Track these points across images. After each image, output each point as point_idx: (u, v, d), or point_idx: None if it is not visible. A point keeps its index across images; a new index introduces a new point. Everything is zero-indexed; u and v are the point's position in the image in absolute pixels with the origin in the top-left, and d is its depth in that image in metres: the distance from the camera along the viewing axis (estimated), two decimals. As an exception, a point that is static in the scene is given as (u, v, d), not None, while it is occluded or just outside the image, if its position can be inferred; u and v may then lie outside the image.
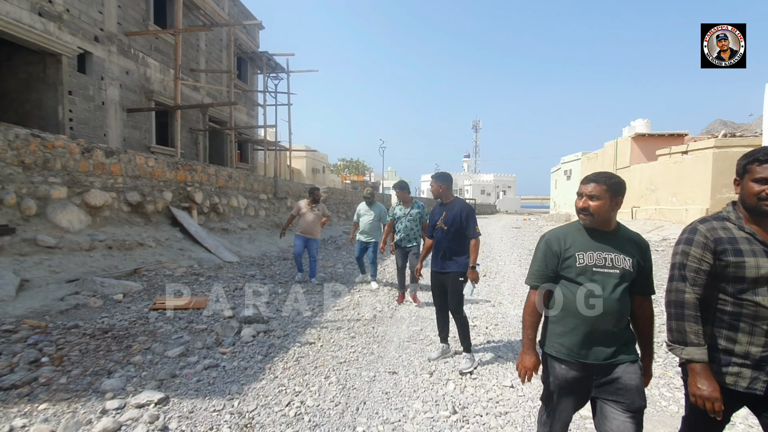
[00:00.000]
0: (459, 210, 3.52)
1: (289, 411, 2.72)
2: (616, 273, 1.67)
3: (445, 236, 3.52)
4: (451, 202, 3.63)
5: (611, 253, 1.69)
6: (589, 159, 23.96)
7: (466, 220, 3.49)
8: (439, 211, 3.65)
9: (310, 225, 6.62)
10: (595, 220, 1.71)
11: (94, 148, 7.42)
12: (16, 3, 7.85)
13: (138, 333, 4.05)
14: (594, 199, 1.70)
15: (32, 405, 2.71)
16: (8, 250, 5.42)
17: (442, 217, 3.54)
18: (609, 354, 1.66)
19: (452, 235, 3.49)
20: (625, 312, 1.70)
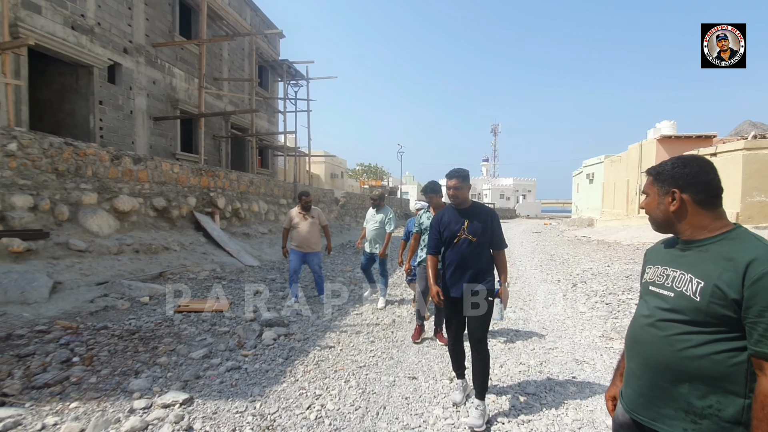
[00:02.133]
0: (487, 217, 2.81)
1: (309, 414, 2.74)
2: (668, 297, 1.20)
3: (472, 250, 2.76)
4: (471, 208, 2.88)
5: (677, 269, 1.22)
6: (612, 162, 23.39)
7: (494, 230, 2.81)
8: (454, 218, 2.85)
9: (306, 237, 5.53)
10: (653, 223, 1.33)
11: (122, 156, 7.69)
12: (50, 17, 8.25)
13: (163, 335, 4.15)
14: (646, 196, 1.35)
15: (64, 403, 2.81)
16: (42, 254, 5.66)
17: (463, 225, 2.79)
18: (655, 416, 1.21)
19: (481, 247, 2.79)
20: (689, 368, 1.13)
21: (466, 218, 2.81)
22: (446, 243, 2.87)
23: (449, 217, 2.89)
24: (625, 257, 10.76)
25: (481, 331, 2.74)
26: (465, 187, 2.85)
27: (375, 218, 5.81)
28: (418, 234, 4.47)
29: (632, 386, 1.28)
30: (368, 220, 5.93)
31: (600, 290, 6.79)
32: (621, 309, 5.57)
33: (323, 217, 5.82)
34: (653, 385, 1.21)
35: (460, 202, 2.86)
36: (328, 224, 5.97)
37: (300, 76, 18.76)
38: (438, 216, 2.98)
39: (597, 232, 19.53)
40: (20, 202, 5.78)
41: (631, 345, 1.30)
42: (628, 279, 7.62)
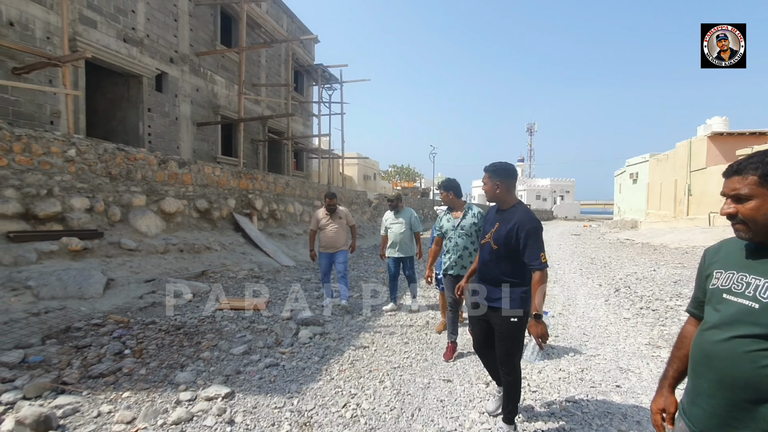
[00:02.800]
0: (515, 224, 2.36)
1: (345, 413, 2.78)
2: (750, 308, 1.08)
3: (493, 259, 2.45)
4: (510, 210, 2.47)
5: (762, 278, 1.09)
6: (658, 161, 22.17)
7: (525, 240, 2.31)
8: (491, 218, 2.55)
9: (333, 238, 5.37)
10: (755, 232, 1.12)
11: (169, 160, 8.10)
12: (105, 31, 8.84)
13: (206, 331, 4.34)
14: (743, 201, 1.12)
15: (117, 393, 2.99)
16: (97, 252, 6.06)
17: (494, 228, 2.45)
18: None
19: (501, 257, 2.41)
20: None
21: (499, 221, 2.46)
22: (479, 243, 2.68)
23: (489, 216, 2.61)
24: (673, 261, 10.17)
25: (505, 355, 2.44)
26: (492, 183, 2.48)
27: (397, 221, 5.44)
28: (440, 238, 3.86)
29: (702, 406, 1.16)
30: (389, 224, 5.49)
31: (646, 295, 6.45)
32: (669, 316, 5.26)
33: (350, 216, 5.67)
34: (730, 404, 1.10)
35: (491, 200, 2.55)
36: (355, 224, 5.74)
37: (334, 80, 19.07)
38: (487, 211, 2.76)
39: (641, 235, 18.57)
40: (78, 204, 6.22)
41: (699, 360, 1.19)
42: (676, 284, 7.20)
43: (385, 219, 5.62)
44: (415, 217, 5.54)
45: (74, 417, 2.66)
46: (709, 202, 16.42)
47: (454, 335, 3.84)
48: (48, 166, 5.99)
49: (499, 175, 2.48)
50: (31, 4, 7.35)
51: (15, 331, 3.91)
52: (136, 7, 9.56)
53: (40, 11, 7.50)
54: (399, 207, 5.53)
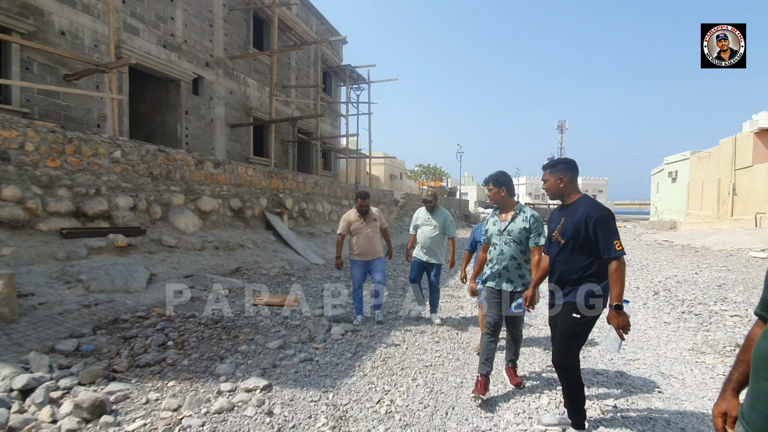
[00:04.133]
0: (583, 214, 2.29)
1: (380, 408, 2.82)
2: None
3: (560, 255, 2.39)
4: (575, 203, 2.40)
5: None
6: (700, 158, 21.10)
7: (594, 230, 2.23)
8: (556, 216, 2.50)
9: (370, 243, 4.81)
10: None
11: (205, 160, 8.41)
12: (146, 38, 9.27)
13: (242, 325, 4.49)
14: None
15: (163, 382, 3.15)
16: (140, 249, 6.37)
17: (560, 224, 2.41)
18: None
19: (569, 251, 2.34)
20: None
21: (564, 216, 2.41)
22: (548, 243, 2.57)
23: (555, 214, 2.56)
24: (717, 264, 9.67)
25: (561, 350, 2.38)
26: (555, 178, 2.45)
27: (430, 222, 4.89)
28: (485, 245, 3.28)
29: (761, 410, 1.14)
30: (421, 224, 4.97)
31: (688, 299, 6.18)
32: (714, 321, 5.03)
33: (383, 218, 5.09)
34: None
35: (556, 195, 2.50)
36: (388, 226, 5.21)
37: (362, 80, 19.21)
38: (551, 215, 2.65)
39: (681, 236, 17.75)
40: (123, 203, 6.56)
41: (761, 363, 1.17)
42: (720, 288, 6.85)
43: (416, 217, 5.05)
44: (451, 220, 4.97)
45: (125, 403, 2.83)
46: (755, 202, 15.51)
47: (487, 367, 2.99)
48: (96, 167, 6.35)
49: (561, 170, 2.46)
50: (81, 14, 7.81)
51: (69, 321, 4.18)
52: (175, 14, 9.97)
53: (88, 21, 7.96)
54: (436, 206, 4.97)
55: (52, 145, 5.82)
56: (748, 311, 5.36)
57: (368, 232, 4.83)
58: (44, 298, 4.43)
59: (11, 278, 3.86)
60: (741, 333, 4.51)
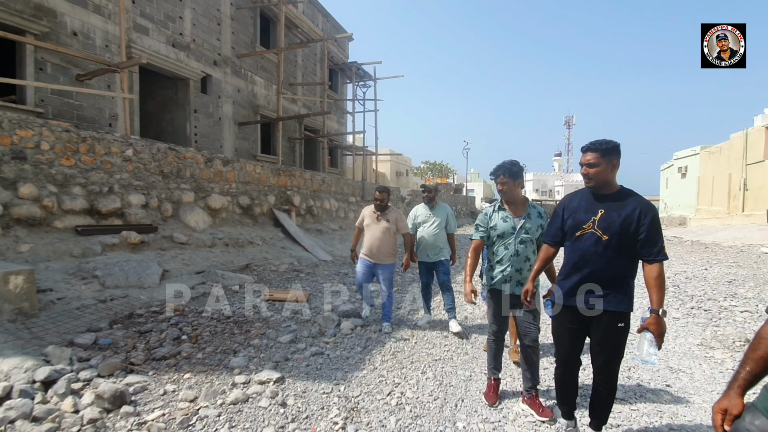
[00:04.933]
0: (635, 210, 2.08)
1: (390, 400, 2.88)
2: None
3: (599, 252, 2.12)
4: (616, 194, 2.16)
5: None
6: (710, 153, 20.86)
7: (649, 228, 2.06)
8: (586, 204, 2.21)
9: (376, 244, 4.40)
10: None
11: (214, 158, 8.51)
12: (156, 38, 9.37)
13: (254, 320, 4.57)
14: None
15: (179, 374, 3.24)
16: (152, 245, 6.48)
17: (595, 216, 2.14)
18: None
19: (614, 250, 2.10)
20: None
21: (603, 207, 2.13)
22: (568, 235, 2.25)
23: (580, 202, 2.24)
24: (727, 260, 9.61)
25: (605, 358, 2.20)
26: (604, 164, 2.12)
27: (431, 219, 4.53)
28: (481, 242, 2.94)
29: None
30: (421, 221, 4.59)
31: (697, 295, 6.17)
32: (723, 316, 5.02)
33: (403, 222, 4.49)
34: None
35: (597, 184, 2.16)
36: (409, 232, 4.54)
37: (368, 77, 19.21)
38: (568, 198, 2.34)
39: (691, 232, 17.60)
40: (135, 201, 6.67)
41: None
42: (730, 284, 6.82)
43: (414, 215, 4.67)
44: (453, 215, 4.67)
45: (143, 394, 2.92)
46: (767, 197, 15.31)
47: (496, 370, 2.95)
48: (109, 165, 6.46)
49: (616, 154, 2.15)
50: (92, 15, 7.92)
51: (86, 316, 4.29)
52: (184, 13, 10.06)
53: (99, 21, 8.07)
54: (436, 201, 4.66)
55: (67, 144, 5.94)
56: (758, 307, 5.35)
57: (378, 231, 4.40)
58: (62, 293, 4.55)
59: (31, 274, 3.97)
60: (751, 329, 4.51)
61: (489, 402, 2.86)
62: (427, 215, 4.58)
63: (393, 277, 4.55)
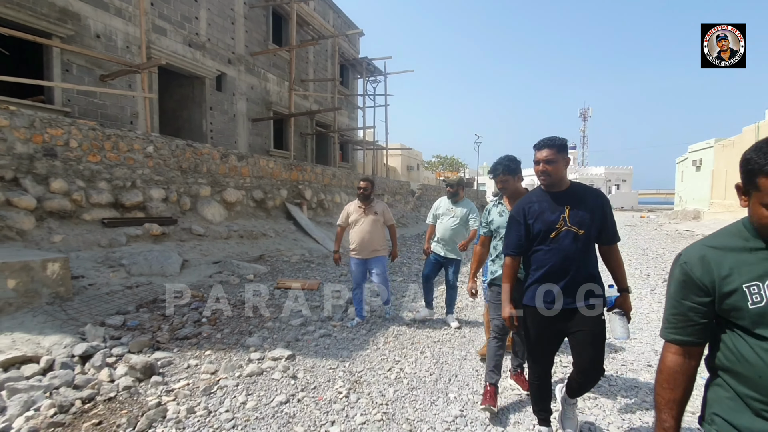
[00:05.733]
0: (596, 200, 2.15)
1: (390, 374, 3.17)
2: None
3: (578, 248, 2.09)
4: (570, 190, 2.18)
5: None
6: (724, 146, 20.53)
7: (611, 217, 2.18)
8: (549, 205, 2.15)
9: (367, 239, 4.32)
10: None
11: (229, 154, 8.87)
12: (173, 38, 9.75)
13: (267, 305, 4.91)
14: None
15: (200, 351, 3.58)
16: (172, 237, 6.88)
17: (563, 214, 2.11)
18: None
19: (589, 243, 2.12)
20: None
21: (566, 204, 2.12)
22: (538, 239, 2.15)
23: (540, 204, 2.17)
24: (735, 253, 9.62)
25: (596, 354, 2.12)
26: (561, 160, 2.11)
27: (452, 212, 4.36)
28: (487, 237, 2.95)
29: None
30: (441, 213, 4.47)
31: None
32: (718, 306, 5.18)
33: (389, 214, 4.51)
34: None
35: (554, 181, 2.14)
36: (395, 223, 4.57)
37: (378, 72, 19.40)
38: (523, 203, 2.23)
39: (703, 226, 17.43)
40: (156, 195, 7.07)
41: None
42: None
43: (436, 206, 4.56)
44: (475, 210, 4.40)
45: (170, 367, 3.26)
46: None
47: (495, 375, 2.73)
48: (132, 162, 6.86)
49: (566, 150, 2.16)
50: (114, 18, 8.31)
51: (115, 300, 4.68)
52: (199, 13, 10.41)
53: (120, 23, 8.46)
54: (460, 195, 4.44)
55: (93, 141, 6.34)
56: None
57: (367, 225, 4.34)
58: (92, 279, 4.95)
59: (66, 262, 4.36)
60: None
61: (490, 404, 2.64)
62: (448, 208, 4.42)
63: (386, 270, 4.50)
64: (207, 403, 2.72)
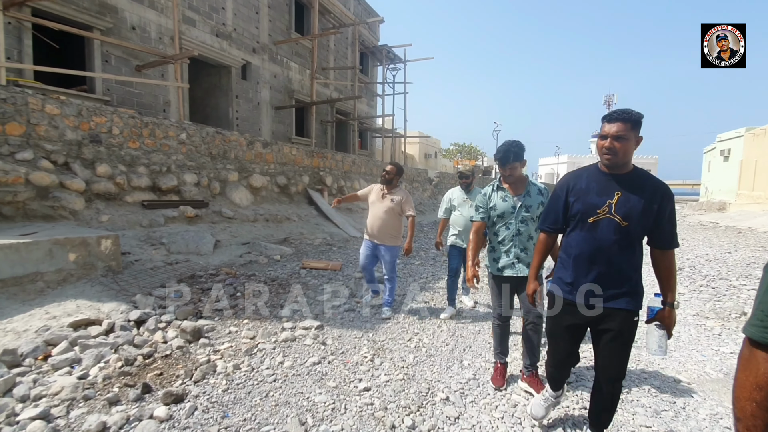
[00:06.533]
0: (654, 191, 1.83)
1: (410, 344, 3.51)
2: None
3: (617, 241, 1.85)
4: (631, 175, 1.88)
5: None
6: (755, 136, 19.90)
7: (669, 214, 1.85)
8: (598, 185, 1.90)
9: (379, 223, 4.19)
10: None
11: (255, 141, 9.27)
12: (202, 29, 10.12)
13: (295, 283, 5.30)
14: None
15: (239, 320, 3.99)
16: (204, 219, 7.34)
17: (611, 199, 1.86)
18: None
19: (632, 239, 1.85)
20: None
21: (619, 189, 1.85)
22: (575, 220, 1.94)
23: (589, 182, 1.93)
24: (755, 244, 9.57)
25: (618, 369, 1.93)
26: (633, 138, 1.82)
27: (467, 203, 4.27)
28: (482, 223, 2.84)
29: None
30: (456, 205, 4.36)
31: (710, 275, 6.41)
32: (729, 293, 5.32)
33: (409, 204, 4.25)
34: None
35: (619, 162, 1.85)
36: (415, 215, 4.25)
37: (398, 60, 19.45)
38: (570, 178, 2.03)
39: (728, 218, 17.11)
40: (189, 179, 7.52)
41: None
42: (748, 266, 6.98)
43: (449, 198, 4.44)
44: None
45: (213, 332, 3.67)
46: (813, 183, 14.67)
47: (503, 355, 2.89)
48: (167, 148, 7.31)
49: (640, 128, 1.84)
50: (148, 10, 8.71)
51: (158, 275, 5.14)
52: (226, 4, 10.74)
53: (154, 15, 8.86)
54: (472, 184, 4.37)
55: (132, 129, 6.80)
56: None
57: (381, 209, 4.19)
58: (138, 256, 5.43)
59: (117, 239, 4.82)
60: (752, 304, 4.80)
61: (496, 385, 2.82)
62: (464, 198, 4.33)
63: (396, 260, 4.32)
64: (250, 361, 3.11)
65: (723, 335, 3.90)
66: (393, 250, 4.25)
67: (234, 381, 2.81)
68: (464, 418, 2.45)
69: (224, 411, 2.46)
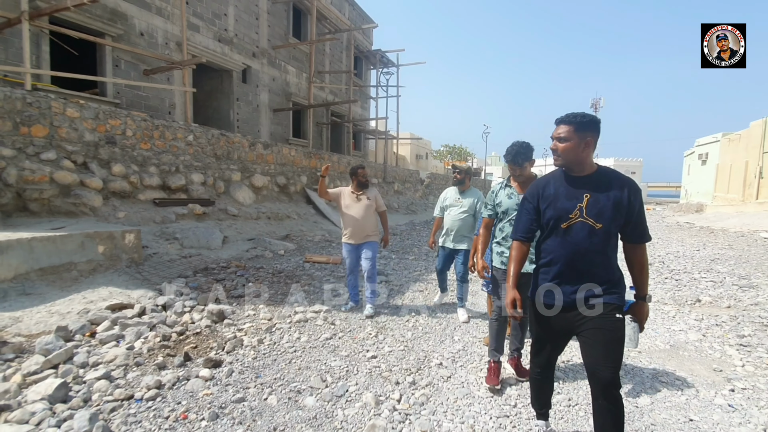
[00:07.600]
0: (623, 189, 1.86)
1: (408, 324, 4.05)
2: None
3: (594, 243, 1.85)
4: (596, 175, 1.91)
5: None
6: (730, 141, 20.93)
7: (639, 210, 1.88)
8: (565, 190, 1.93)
9: (360, 224, 4.39)
10: None
11: (256, 142, 9.73)
12: (205, 34, 10.53)
13: (300, 275, 5.80)
14: None
15: (255, 305, 4.48)
16: (211, 216, 7.79)
17: (580, 202, 1.87)
18: None
19: (608, 239, 1.86)
20: None
21: (587, 191, 1.88)
22: (548, 227, 1.96)
23: (557, 187, 1.95)
24: (723, 243, 10.32)
25: (612, 369, 1.82)
26: (577, 139, 1.86)
27: (460, 203, 4.29)
28: (490, 219, 2.99)
29: None
30: (448, 204, 4.39)
31: (677, 269, 7.05)
32: (689, 284, 5.95)
33: (381, 200, 4.57)
34: None
35: (565, 163, 1.92)
36: (386, 210, 4.62)
37: (391, 64, 20.00)
38: (538, 185, 2.04)
39: (704, 219, 18.02)
40: (196, 179, 7.96)
41: None
42: (712, 262, 7.67)
43: (443, 198, 4.50)
44: (483, 201, 4.14)
45: (234, 315, 4.16)
46: (782, 186, 15.61)
47: (497, 353, 2.88)
48: (176, 149, 7.74)
49: (591, 129, 1.86)
50: (155, 17, 9.12)
51: (175, 267, 5.60)
52: (228, 10, 11.17)
53: (161, 22, 9.27)
54: (467, 185, 4.37)
55: (144, 131, 7.22)
56: (725, 279, 6.22)
57: (360, 210, 4.40)
58: (155, 249, 5.88)
59: (138, 233, 5.27)
60: (708, 293, 5.43)
61: (490, 384, 2.79)
62: (456, 199, 4.35)
63: (376, 255, 4.48)
64: (271, 337, 3.62)
65: (677, 317, 4.51)
66: (374, 246, 4.49)
67: (260, 352, 3.32)
68: (455, 377, 2.99)
69: (257, 373, 2.96)
